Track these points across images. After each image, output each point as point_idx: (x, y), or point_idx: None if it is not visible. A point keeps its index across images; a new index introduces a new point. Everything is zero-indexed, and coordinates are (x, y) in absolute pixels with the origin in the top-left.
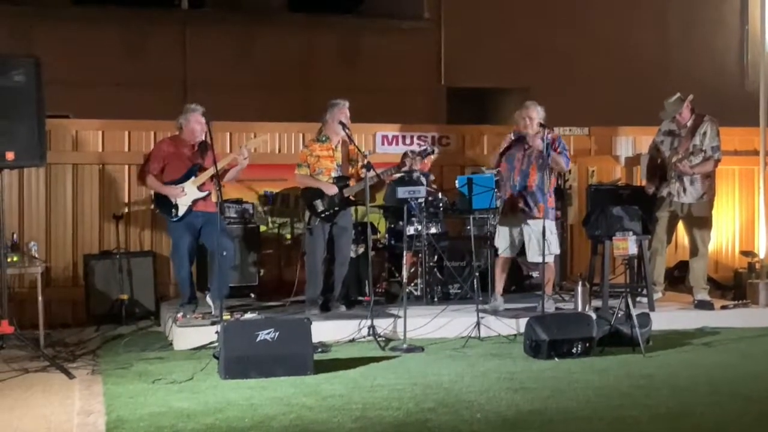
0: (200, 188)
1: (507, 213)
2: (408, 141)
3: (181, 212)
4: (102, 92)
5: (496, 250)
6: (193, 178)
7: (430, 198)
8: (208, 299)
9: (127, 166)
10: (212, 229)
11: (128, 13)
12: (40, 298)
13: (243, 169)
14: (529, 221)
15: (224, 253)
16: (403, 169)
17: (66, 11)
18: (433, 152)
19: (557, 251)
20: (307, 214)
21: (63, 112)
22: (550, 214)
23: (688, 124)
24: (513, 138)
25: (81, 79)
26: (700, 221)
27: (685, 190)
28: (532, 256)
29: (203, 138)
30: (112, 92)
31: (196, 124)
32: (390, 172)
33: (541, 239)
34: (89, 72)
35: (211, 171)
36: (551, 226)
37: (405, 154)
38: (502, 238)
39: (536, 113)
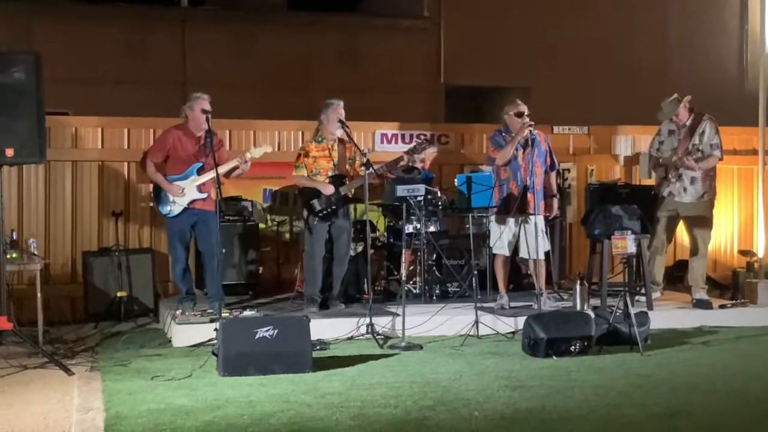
0: (200, 189)
1: (511, 210)
2: (407, 139)
3: (176, 211)
4: (101, 89)
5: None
6: (193, 176)
7: (429, 196)
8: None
9: (126, 164)
10: (205, 229)
11: (128, 11)
12: (38, 295)
13: (243, 173)
14: (529, 219)
15: (223, 251)
16: (402, 163)
17: (66, 8)
18: (422, 149)
19: (548, 248)
20: (306, 213)
21: (62, 109)
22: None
23: (687, 123)
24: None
25: (80, 77)
26: (700, 221)
27: (685, 189)
28: (531, 252)
29: (208, 127)
30: (111, 89)
31: (201, 113)
32: (386, 168)
33: (539, 236)
34: (89, 69)
35: (211, 173)
36: (542, 222)
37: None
38: (504, 236)
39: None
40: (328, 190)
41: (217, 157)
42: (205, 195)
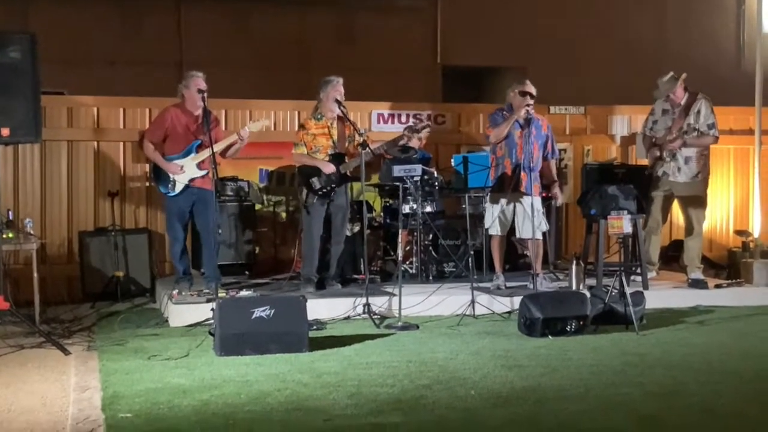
0: (199, 166)
1: (506, 190)
2: (404, 119)
3: (177, 189)
4: (97, 70)
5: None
6: (192, 154)
7: (425, 176)
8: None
9: (122, 143)
10: (203, 208)
11: None
12: (35, 275)
13: (241, 148)
14: (523, 198)
15: (220, 231)
16: (400, 143)
17: None
18: (422, 128)
19: (546, 228)
20: (304, 192)
21: (58, 88)
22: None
23: (682, 102)
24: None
25: (76, 57)
26: (695, 200)
27: (679, 169)
28: (526, 232)
29: (204, 106)
30: (107, 70)
31: (197, 92)
32: (384, 147)
33: (535, 216)
34: (84, 49)
35: (209, 150)
36: (538, 203)
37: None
38: (499, 216)
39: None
40: (329, 168)
41: (214, 135)
42: (204, 172)
